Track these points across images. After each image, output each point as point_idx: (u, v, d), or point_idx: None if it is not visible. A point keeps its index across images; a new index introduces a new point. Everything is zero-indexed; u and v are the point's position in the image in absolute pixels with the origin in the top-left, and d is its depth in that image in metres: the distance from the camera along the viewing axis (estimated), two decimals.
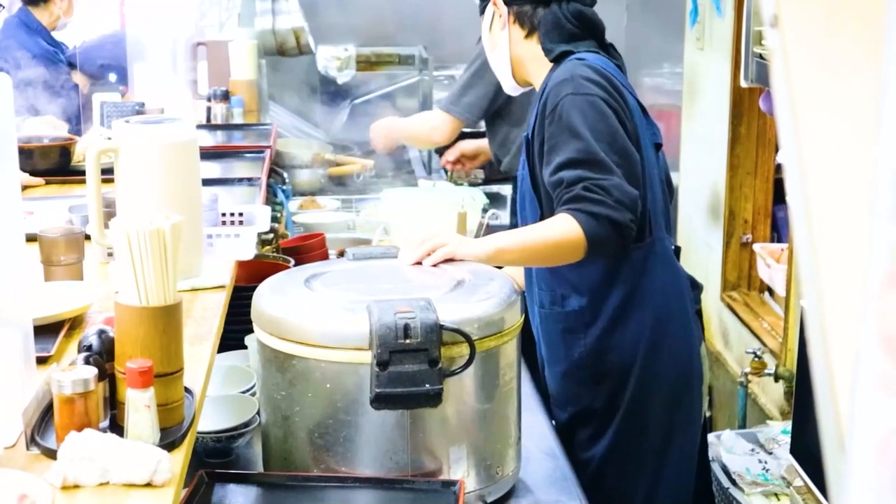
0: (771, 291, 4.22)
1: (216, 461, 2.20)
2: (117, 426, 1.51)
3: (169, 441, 1.49)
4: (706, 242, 4.53)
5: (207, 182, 2.68)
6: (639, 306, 2.47)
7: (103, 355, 1.52)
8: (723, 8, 4.26)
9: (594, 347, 2.49)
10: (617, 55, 2.59)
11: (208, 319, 2.02)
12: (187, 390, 1.61)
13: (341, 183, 4.45)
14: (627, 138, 2.37)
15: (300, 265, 2.39)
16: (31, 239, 2.01)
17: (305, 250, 3.06)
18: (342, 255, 2.36)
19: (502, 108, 3.81)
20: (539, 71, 2.55)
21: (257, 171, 3.42)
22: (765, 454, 3.14)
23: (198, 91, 4.80)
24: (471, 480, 1.93)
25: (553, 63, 2.52)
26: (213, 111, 4.36)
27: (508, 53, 2.58)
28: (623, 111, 2.39)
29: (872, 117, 0.59)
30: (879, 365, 0.57)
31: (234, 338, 2.51)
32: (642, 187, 2.42)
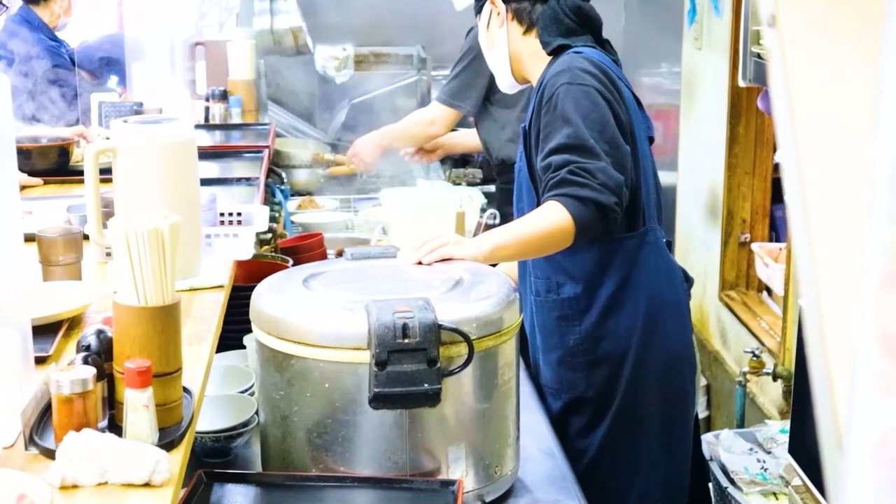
0: (769, 291, 4.22)
1: (215, 461, 2.20)
2: (116, 426, 1.50)
3: (167, 441, 1.49)
4: (704, 242, 4.53)
5: (206, 182, 2.69)
6: (632, 294, 2.50)
7: (102, 355, 1.52)
8: (721, 7, 4.26)
9: (589, 334, 2.52)
10: (612, 51, 2.60)
11: (207, 319, 2.02)
12: (186, 390, 1.61)
13: (340, 183, 4.45)
14: (621, 130, 2.39)
15: (298, 265, 2.39)
16: (30, 239, 2.01)
17: (304, 250, 3.06)
18: (341, 255, 2.36)
19: (489, 94, 3.81)
20: (537, 67, 2.57)
21: (256, 171, 3.42)
22: (763, 453, 3.13)
23: (196, 91, 4.80)
24: (469, 480, 1.93)
25: (551, 56, 2.54)
26: (212, 111, 4.36)
27: (507, 51, 2.60)
28: (618, 102, 2.42)
29: (870, 117, 0.59)
30: (877, 364, 0.57)
31: (233, 338, 2.51)
32: (637, 178, 2.45)
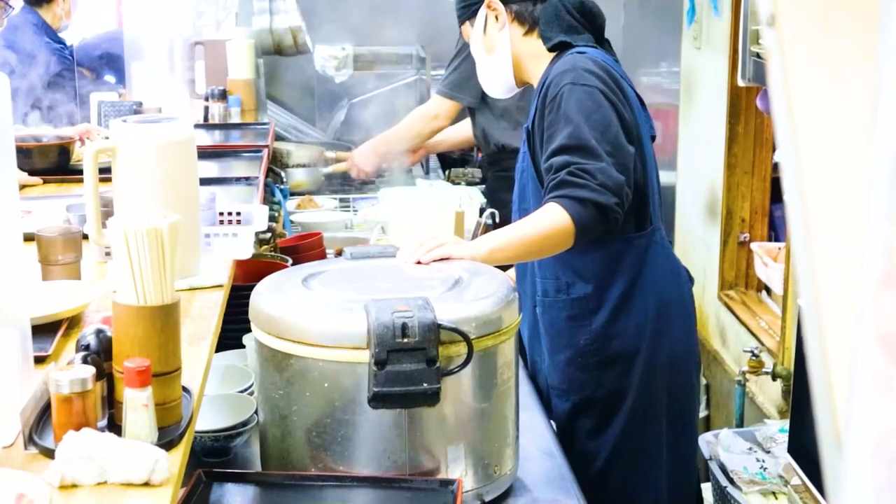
0: (768, 290, 4.22)
1: (214, 460, 2.20)
2: (115, 425, 1.51)
3: (167, 440, 1.49)
4: (703, 241, 4.53)
5: (205, 181, 2.68)
6: (642, 293, 2.50)
7: (101, 354, 1.52)
8: (720, 7, 4.26)
9: (600, 334, 2.52)
10: (611, 51, 2.60)
11: (206, 319, 2.02)
12: (185, 389, 1.61)
13: (339, 182, 4.45)
14: (625, 130, 2.39)
15: (298, 264, 2.39)
16: (29, 238, 2.01)
17: (303, 249, 3.06)
18: (340, 255, 2.36)
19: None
20: (538, 68, 2.56)
21: (255, 171, 3.41)
22: (762, 453, 3.13)
23: (195, 90, 4.79)
24: (468, 479, 1.93)
25: (552, 53, 2.53)
26: (211, 110, 4.36)
27: (510, 53, 2.58)
28: (622, 103, 2.41)
29: (869, 116, 0.59)
30: (876, 364, 0.57)
31: (232, 337, 2.51)
32: (643, 177, 2.44)
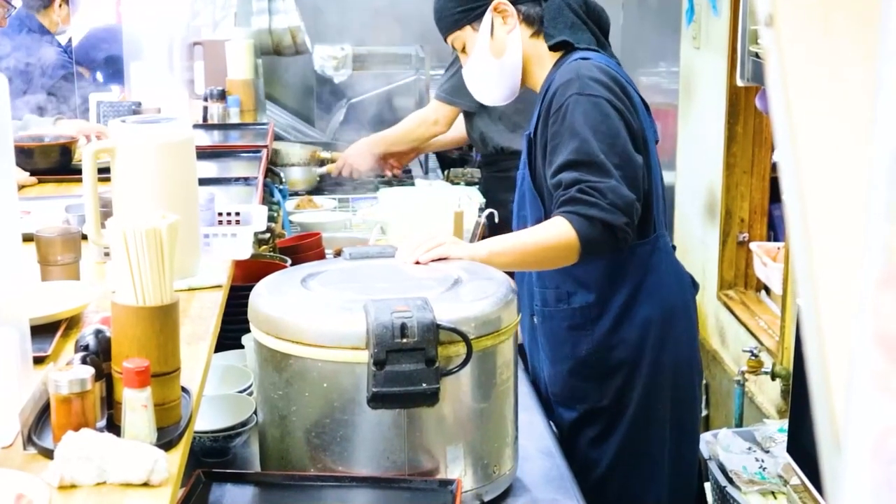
0: (767, 290, 4.22)
1: (213, 461, 2.20)
2: (114, 426, 1.50)
3: (166, 440, 1.49)
4: (703, 241, 4.53)
5: (204, 182, 2.68)
6: (645, 301, 2.49)
7: (100, 355, 1.52)
8: (719, 7, 4.26)
9: (602, 343, 2.50)
10: (611, 53, 2.58)
11: (205, 319, 2.02)
12: (184, 390, 1.61)
13: (338, 182, 4.44)
14: (633, 138, 2.36)
15: (297, 265, 2.39)
16: (28, 238, 2.01)
17: (302, 250, 3.06)
18: (339, 255, 2.36)
19: None
20: (541, 71, 2.53)
21: (254, 171, 3.41)
22: (762, 452, 3.13)
23: (194, 90, 4.79)
24: (468, 479, 1.93)
25: (554, 54, 2.51)
26: (210, 111, 4.36)
27: (521, 55, 2.53)
28: (629, 111, 2.38)
29: (868, 116, 0.59)
30: (875, 363, 0.57)
31: (231, 337, 2.51)
32: (649, 185, 2.42)
